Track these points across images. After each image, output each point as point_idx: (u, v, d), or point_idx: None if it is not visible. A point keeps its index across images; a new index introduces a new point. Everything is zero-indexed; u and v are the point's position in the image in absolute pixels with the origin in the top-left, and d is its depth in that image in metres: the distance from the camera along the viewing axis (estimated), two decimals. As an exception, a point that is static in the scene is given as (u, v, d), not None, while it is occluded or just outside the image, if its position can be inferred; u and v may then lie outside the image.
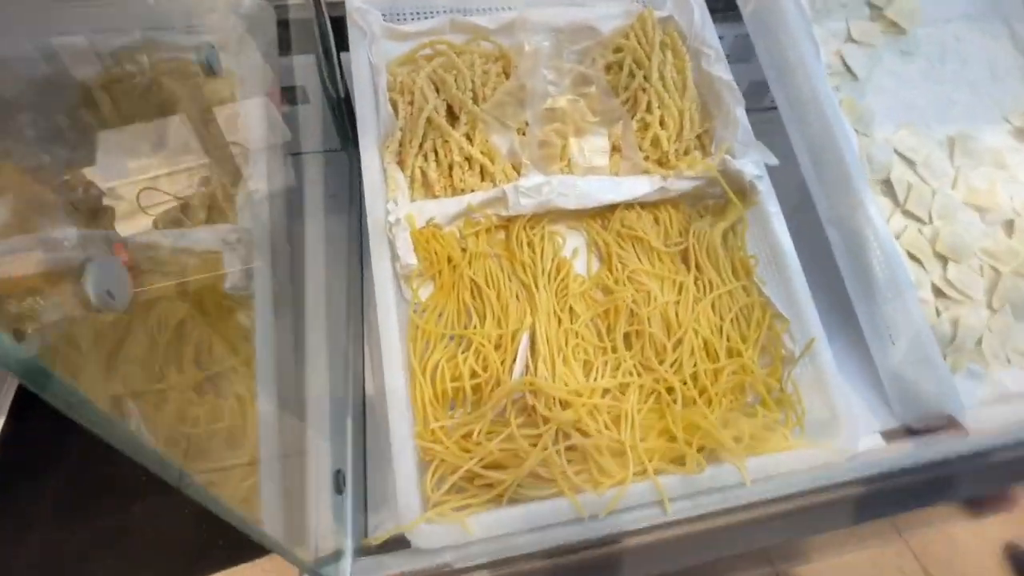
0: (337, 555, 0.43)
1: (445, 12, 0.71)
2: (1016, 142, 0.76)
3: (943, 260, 0.66)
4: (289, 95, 0.78)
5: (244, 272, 0.49)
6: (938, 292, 0.65)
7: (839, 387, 0.54)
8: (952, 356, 0.62)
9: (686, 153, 0.64)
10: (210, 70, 0.54)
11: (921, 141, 0.72)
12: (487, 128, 0.59)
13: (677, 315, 0.58)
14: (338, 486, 0.45)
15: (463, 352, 0.55)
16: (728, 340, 0.58)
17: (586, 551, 0.48)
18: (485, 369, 0.55)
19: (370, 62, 0.61)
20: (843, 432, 0.52)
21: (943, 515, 1.29)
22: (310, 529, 0.41)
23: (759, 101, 0.90)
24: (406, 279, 0.56)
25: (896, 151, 0.72)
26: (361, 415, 0.59)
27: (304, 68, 0.77)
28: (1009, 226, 0.70)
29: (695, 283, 0.61)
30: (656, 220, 0.64)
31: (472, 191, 0.58)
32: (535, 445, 0.51)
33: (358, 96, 0.59)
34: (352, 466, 0.52)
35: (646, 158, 0.63)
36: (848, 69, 0.75)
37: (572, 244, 0.63)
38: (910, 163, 0.71)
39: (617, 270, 0.60)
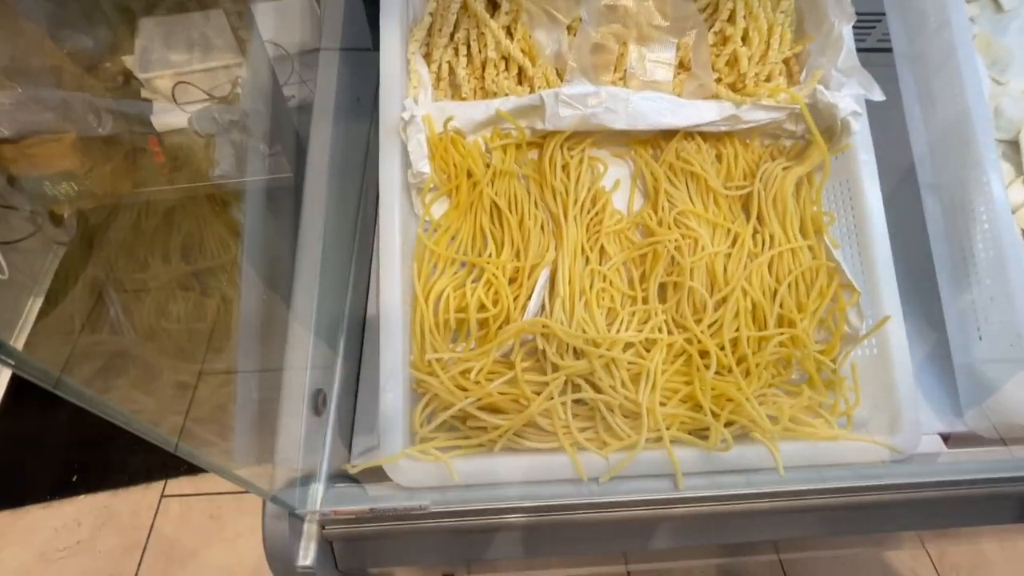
0: (306, 480, 0.39)
1: None
2: None
3: (1064, 246, 0.54)
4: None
5: (236, 161, 0.43)
6: (1050, 284, 0.54)
7: (907, 379, 0.45)
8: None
9: (768, 79, 0.53)
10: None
11: (1068, 98, 0.58)
12: (532, 21, 0.49)
13: (726, 270, 0.50)
14: (317, 407, 0.41)
15: (473, 281, 0.49)
16: (782, 307, 0.50)
17: (578, 512, 0.43)
18: (495, 303, 0.48)
19: (403, -71, 0.52)
20: (903, 430, 0.44)
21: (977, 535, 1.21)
22: (278, 450, 0.37)
23: (863, 40, 0.76)
24: (418, 190, 0.50)
25: (1033, 107, 0.58)
26: (359, 334, 0.54)
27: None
28: None
29: (754, 236, 0.51)
30: (719, 156, 0.54)
31: (505, 95, 0.50)
32: (539, 393, 0.45)
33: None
34: (341, 388, 0.48)
35: (718, 80, 0.53)
36: (992, -4, 0.60)
37: (615, 174, 0.54)
38: (1048, 124, 0.58)
39: (663, 210, 0.51)
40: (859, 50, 0.60)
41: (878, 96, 0.49)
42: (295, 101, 0.72)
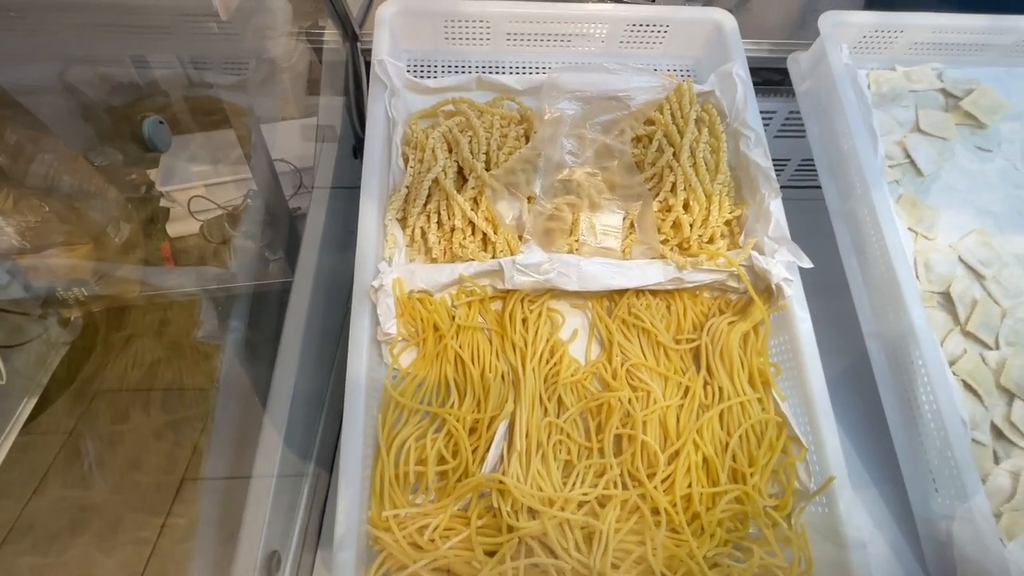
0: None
1: (477, 68, 0.70)
2: (1112, 264, 0.65)
3: (1009, 396, 0.57)
4: (319, 133, 0.79)
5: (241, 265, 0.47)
6: (998, 434, 0.55)
7: (856, 541, 0.46)
8: (1008, 516, 0.52)
9: (711, 241, 0.58)
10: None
11: (994, 253, 0.63)
12: (494, 195, 0.56)
13: (679, 421, 0.52)
14: (270, 571, 0.42)
15: (436, 431, 0.51)
16: (734, 460, 0.51)
17: None
18: (455, 455, 0.50)
19: (388, 115, 0.60)
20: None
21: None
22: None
23: (812, 179, 0.83)
24: (387, 344, 0.53)
25: (962, 260, 0.63)
26: (327, 483, 0.56)
27: (333, 109, 0.78)
28: (1096, 364, 0.59)
29: (704, 388, 0.54)
30: (669, 307, 0.58)
31: (471, 258, 0.55)
32: (494, 553, 0.46)
33: (368, 148, 0.57)
34: (301, 544, 0.49)
35: (665, 241, 0.58)
36: (912, 163, 0.67)
37: (573, 324, 0.58)
38: (978, 276, 0.62)
39: (617, 362, 0.55)
40: (811, 186, 0.66)
41: (805, 263, 0.54)
42: (301, 211, 0.79)
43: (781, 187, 0.58)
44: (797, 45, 0.75)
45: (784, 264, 0.54)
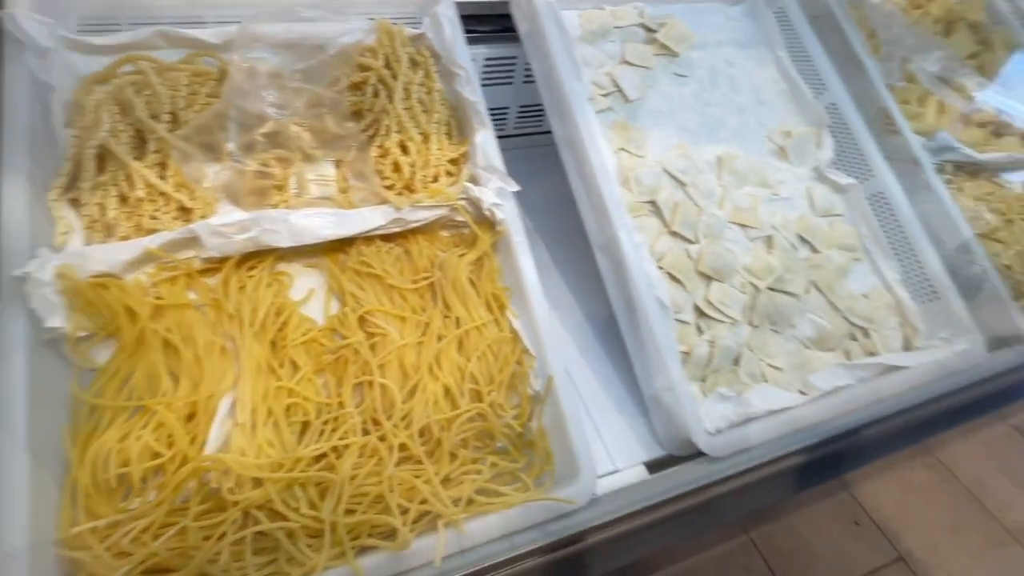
0: None
1: (172, 24, 0.62)
2: (778, 161, 0.79)
3: (707, 280, 0.66)
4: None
5: None
6: (700, 313, 0.64)
7: (577, 428, 0.50)
8: (710, 377, 0.61)
9: (435, 180, 0.59)
10: None
11: (691, 162, 0.73)
12: (184, 157, 0.51)
13: (420, 359, 0.53)
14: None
15: (143, 428, 0.46)
16: (477, 383, 0.53)
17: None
18: (171, 447, 0.45)
19: (35, 79, 0.51)
20: (578, 481, 0.48)
21: (785, 508, 1.36)
22: None
23: (502, 128, 0.91)
24: (74, 342, 0.46)
25: (667, 172, 0.72)
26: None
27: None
28: (768, 242, 0.72)
29: (444, 322, 0.55)
30: (408, 252, 0.58)
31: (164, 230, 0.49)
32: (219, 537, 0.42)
33: (8, 120, 0.48)
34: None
35: (391, 186, 0.58)
36: (621, 91, 0.75)
37: (310, 283, 0.56)
38: (680, 184, 0.72)
39: (353, 312, 0.53)
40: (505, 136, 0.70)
41: (512, 187, 0.57)
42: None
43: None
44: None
45: (495, 191, 0.56)
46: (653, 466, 0.58)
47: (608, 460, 0.58)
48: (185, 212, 0.51)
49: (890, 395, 0.63)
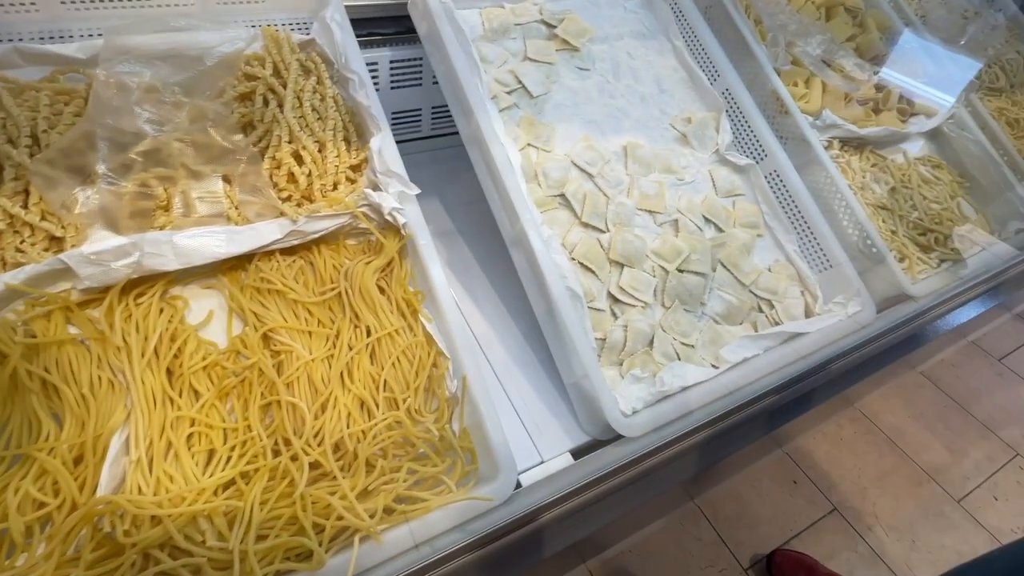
0: None
1: (33, 40, 0.57)
2: (681, 147, 0.82)
3: (619, 267, 0.68)
4: None
5: None
6: (614, 299, 0.66)
7: (495, 425, 0.51)
8: (627, 361, 0.63)
9: (335, 187, 0.58)
10: None
11: (598, 154, 0.75)
12: (47, 183, 0.47)
13: (331, 372, 0.52)
14: None
15: (23, 479, 0.42)
16: (392, 390, 0.53)
17: None
18: (57, 494, 0.42)
19: None
20: (499, 475, 0.49)
21: (726, 472, 1.43)
22: None
23: (417, 131, 0.92)
24: (-70, 393, 0.42)
25: (575, 164, 0.73)
26: None
27: None
28: (675, 226, 0.75)
29: (355, 332, 0.54)
30: (311, 264, 0.57)
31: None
32: (117, 582, 0.40)
33: None
34: None
35: (288, 198, 0.56)
36: (524, 87, 0.75)
37: (209, 306, 0.53)
38: (588, 175, 0.73)
39: (255, 332, 0.51)
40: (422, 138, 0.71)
41: (414, 190, 0.57)
42: None
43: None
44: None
45: (395, 195, 0.56)
46: (579, 453, 0.59)
47: (535, 452, 0.59)
48: (57, 242, 0.48)
49: (794, 360, 0.67)
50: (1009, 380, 1.80)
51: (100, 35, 0.60)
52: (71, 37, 0.59)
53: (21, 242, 0.47)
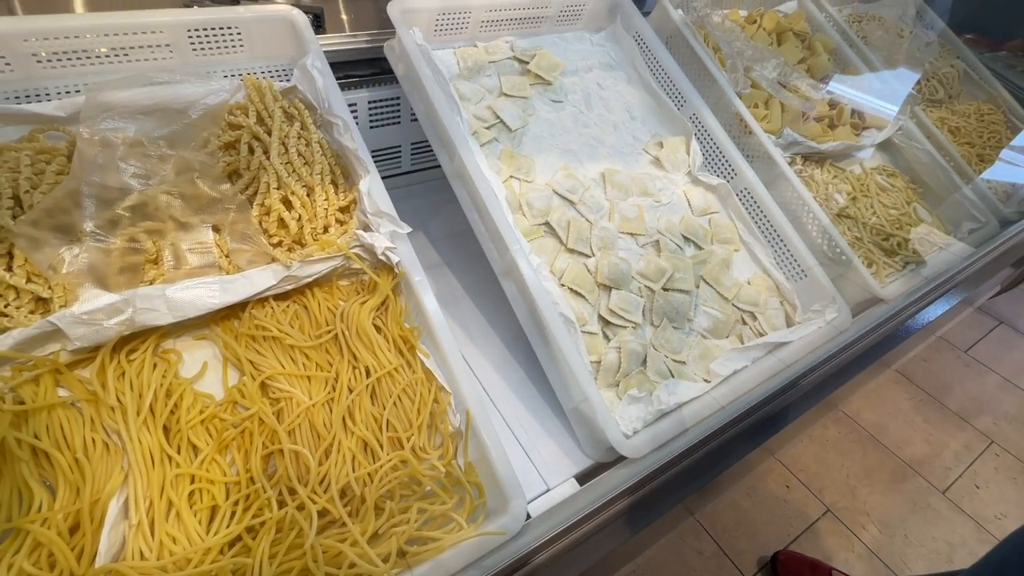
0: None
1: (9, 100, 0.57)
2: (655, 170, 0.86)
3: (607, 290, 0.70)
4: None
5: None
6: (605, 322, 0.68)
7: (501, 457, 0.51)
8: (623, 382, 0.64)
9: (325, 230, 0.58)
10: None
11: (578, 181, 0.78)
12: (31, 245, 0.46)
13: (332, 416, 0.51)
14: None
15: (15, 553, 0.40)
16: (395, 430, 0.52)
17: None
18: (54, 567, 0.40)
19: None
20: (509, 507, 0.49)
21: (723, 484, 1.44)
22: None
23: (397, 167, 0.94)
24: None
25: (556, 193, 0.75)
26: None
27: None
28: (656, 246, 0.77)
29: (354, 373, 0.54)
30: (306, 308, 0.57)
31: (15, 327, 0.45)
32: (122, 656, 0.38)
33: None
34: None
35: (279, 243, 0.56)
36: (502, 122, 0.78)
37: (202, 357, 0.52)
38: (570, 203, 0.76)
39: (253, 380, 0.51)
40: (402, 173, 0.72)
41: (406, 229, 0.58)
42: None
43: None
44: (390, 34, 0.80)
45: (387, 235, 0.56)
46: (583, 477, 0.60)
47: (540, 480, 0.59)
48: (44, 303, 0.47)
49: (780, 369, 0.70)
50: (976, 370, 1.88)
51: (79, 92, 0.60)
52: (47, 96, 0.59)
53: (6, 306, 0.46)
